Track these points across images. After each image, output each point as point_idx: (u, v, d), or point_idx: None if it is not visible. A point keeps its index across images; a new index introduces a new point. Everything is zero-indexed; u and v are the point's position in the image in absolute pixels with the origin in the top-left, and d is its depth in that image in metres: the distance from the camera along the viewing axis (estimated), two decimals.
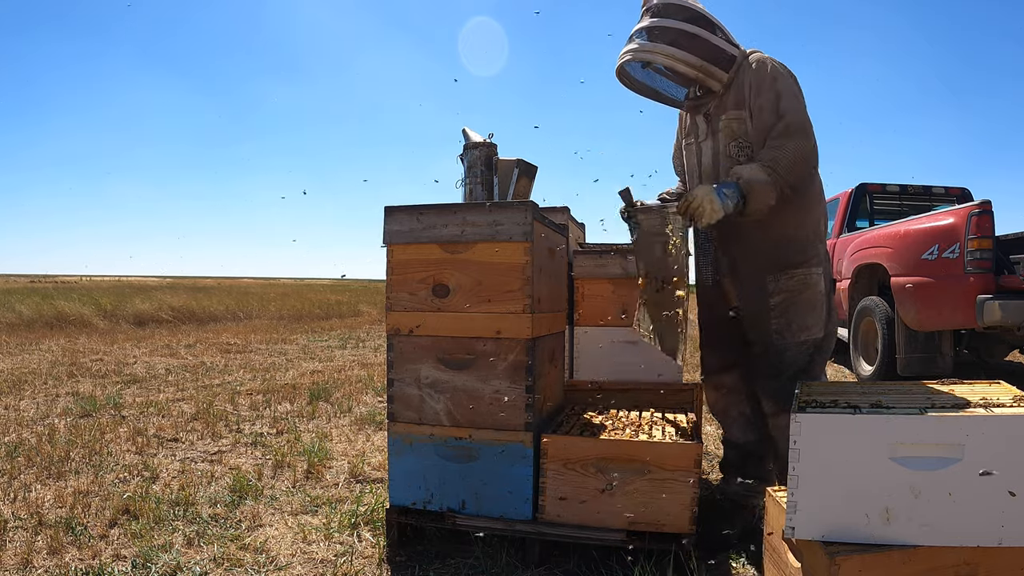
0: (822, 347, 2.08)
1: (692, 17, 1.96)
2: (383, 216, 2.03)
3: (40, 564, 1.94)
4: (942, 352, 4.46)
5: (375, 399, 4.59)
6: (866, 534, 1.30)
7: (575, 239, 3.00)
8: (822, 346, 2.07)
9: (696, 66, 1.95)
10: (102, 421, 3.76)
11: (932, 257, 4.26)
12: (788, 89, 1.95)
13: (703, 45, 1.95)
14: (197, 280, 41.04)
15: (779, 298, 2.02)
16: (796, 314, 2.02)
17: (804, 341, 2.03)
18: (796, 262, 2.01)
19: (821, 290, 2.03)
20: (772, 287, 2.02)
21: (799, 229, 2.02)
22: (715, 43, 1.96)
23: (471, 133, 2.32)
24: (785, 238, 2.01)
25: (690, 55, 1.94)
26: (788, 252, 2.02)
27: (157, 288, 20.58)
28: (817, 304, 2.03)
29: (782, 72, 1.97)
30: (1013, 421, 1.26)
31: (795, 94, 1.95)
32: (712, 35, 1.97)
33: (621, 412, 2.36)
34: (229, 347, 7.92)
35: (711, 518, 2.08)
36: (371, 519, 2.24)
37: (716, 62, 1.96)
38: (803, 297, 2.02)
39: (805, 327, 2.02)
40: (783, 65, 2.00)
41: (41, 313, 10.64)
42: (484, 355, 1.93)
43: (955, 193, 6.12)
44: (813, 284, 2.02)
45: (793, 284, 2.01)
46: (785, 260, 2.02)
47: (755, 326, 2.09)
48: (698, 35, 1.94)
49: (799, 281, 2.01)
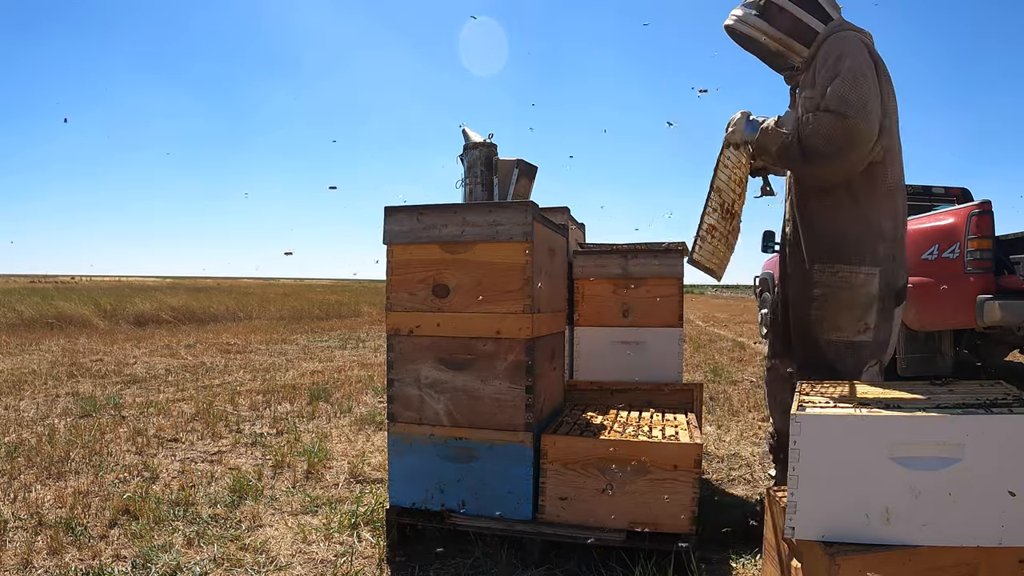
0: (859, 352, 1.96)
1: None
2: (383, 216, 2.03)
3: (40, 564, 1.94)
4: (942, 352, 4.45)
5: (375, 399, 4.59)
6: (866, 534, 1.30)
7: (575, 239, 3.00)
8: (859, 351, 1.96)
9: (777, 39, 1.99)
10: (102, 421, 3.76)
11: (932, 257, 4.26)
12: (848, 71, 1.85)
13: (789, 19, 1.97)
14: (197, 280, 41.03)
15: (819, 291, 1.98)
16: (830, 311, 1.97)
17: (834, 340, 1.97)
18: (844, 258, 1.95)
19: (868, 292, 1.94)
20: (816, 278, 1.99)
21: (853, 224, 1.95)
22: (801, 17, 1.97)
23: (471, 133, 2.32)
24: (838, 231, 1.96)
25: (773, 28, 1.98)
26: (838, 246, 1.96)
27: (157, 288, 20.58)
28: (857, 306, 1.94)
29: (852, 51, 1.88)
30: (1013, 421, 1.25)
31: (855, 78, 1.84)
32: (800, 8, 1.97)
33: (621, 412, 2.35)
34: (229, 347, 7.92)
35: (711, 518, 2.08)
36: (371, 519, 2.24)
37: (799, 37, 1.98)
38: (842, 295, 1.95)
39: (836, 327, 1.96)
40: (863, 45, 1.91)
41: (41, 313, 10.65)
42: (484, 355, 1.93)
43: (955, 193, 6.11)
44: (858, 285, 1.93)
45: (835, 280, 1.96)
46: (834, 254, 1.97)
47: (797, 313, 2.09)
48: (785, 8, 1.97)
49: (841, 279, 1.95)
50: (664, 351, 2.69)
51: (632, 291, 2.72)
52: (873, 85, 1.84)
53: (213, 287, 23.35)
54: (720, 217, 2.20)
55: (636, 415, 2.31)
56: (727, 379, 5.46)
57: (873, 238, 1.94)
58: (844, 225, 1.95)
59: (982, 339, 4.67)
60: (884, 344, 1.98)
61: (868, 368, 1.96)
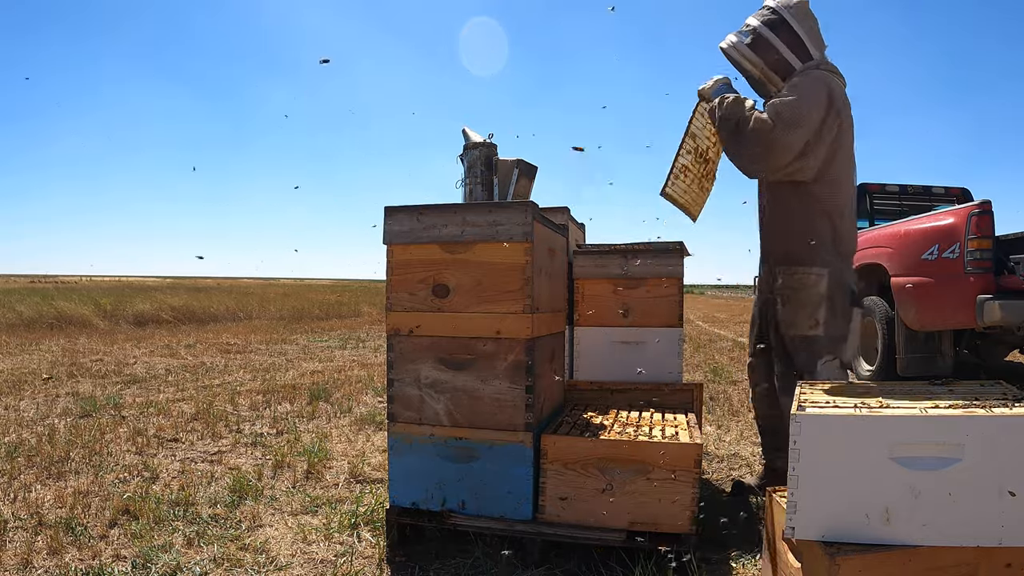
0: (812, 346, 2.18)
1: (776, 23, 2.20)
2: (383, 216, 2.03)
3: (40, 564, 1.94)
4: (942, 352, 4.45)
5: (375, 399, 4.59)
6: (866, 534, 1.30)
7: (575, 239, 3.00)
8: (812, 345, 2.18)
9: (760, 68, 2.24)
10: (102, 421, 3.76)
11: (932, 257, 4.26)
12: (795, 94, 2.09)
13: (774, 53, 2.21)
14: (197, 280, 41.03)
15: (781, 291, 2.23)
16: (789, 309, 2.22)
17: (792, 335, 2.22)
18: (800, 260, 2.19)
19: (819, 291, 2.17)
20: (779, 280, 2.24)
21: (804, 234, 2.18)
22: (784, 53, 2.21)
23: (471, 133, 2.32)
24: (793, 235, 2.21)
25: (758, 59, 2.23)
26: (795, 249, 2.20)
27: (157, 288, 20.58)
28: (810, 304, 2.18)
29: (808, 84, 2.12)
30: (1013, 421, 1.25)
31: (797, 101, 2.08)
32: (784, 46, 2.20)
33: (621, 412, 2.35)
34: (229, 347, 7.92)
35: (711, 518, 2.08)
36: (371, 519, 2.24)
37: (779, 70, 2.23)
38: (798, 295, 2.19)
39: (793, 323, 2.21)
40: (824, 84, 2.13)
41: (41, 313, 10.65)
42: (484, 355, 1.93)
43: (955, 193, 6.11)
44: (809, 285, 2.18)
45: (792, 281, 2.21)
46: (791, 256, 2.21)
47: (766, 310, 2.35)
48: (772, 43, 2.20)
49: (797, 280, 2.19)
50: (664, 351, 2.69)
51: (632, 291, 2.72)
52: (810, 113, 2.08)
53: (213, 287, 23.35)
54: (694, 160, 2.41)
55: (636, 415, 2.31)
56: (727, 379, 5.46)
57: (827, 242, 2.18)
58: (797, 235, 2.20)
59: (982, 339, 4.67)
60: (838, 339, 2.19)
61: (825, 362, 2.17)
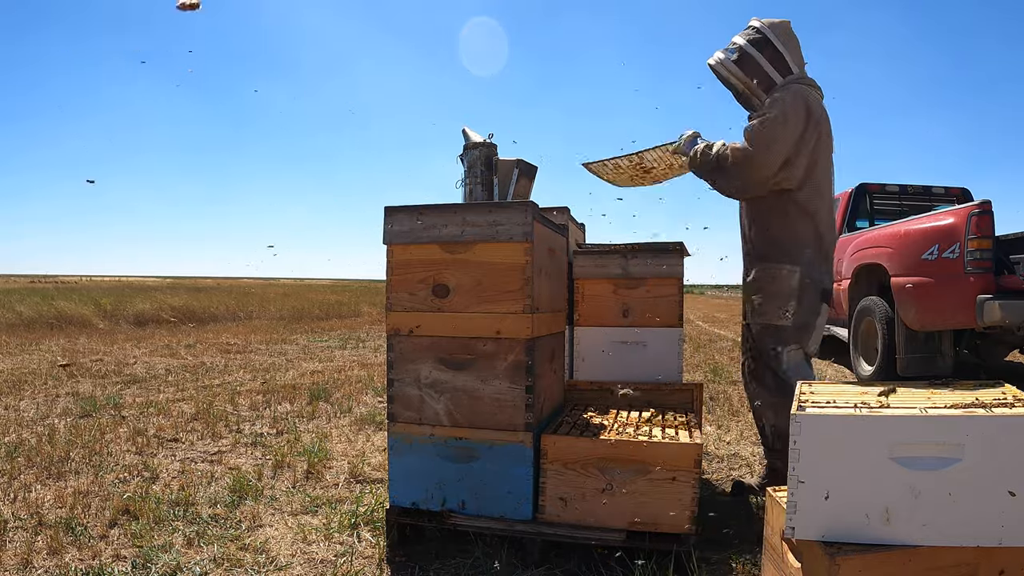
0: (779, 335, 2.34)
1: (760, 42, 2.32)
2: (383, 216, 2.03)
3: (40, 564, 1.93)
4: (942, 352, 4.45)
5: (375, 399, 4.59)
6: (866, 534, 1.30)
7: (575, 239, 3.00)
8: (779, 334, 2.34)
9: (745, 83, 2.36)
10: (102, 421, 3.76)
11: (932, 257, 4.26)
12: (771, 113, 2.23)
13: (758, 69, 2.33)
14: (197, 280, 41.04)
15: (755, 285, 2.40)
16: (760, 301, 2.38)
17: (761, 324, 2.39)
18: (773, 258, 2.35)
19: (790, 285, 2.32)
20: (754, 276, 2.40)
21: (780, 235, 2.34)
22: (767, 69, 2.33)
23: (471, 133, 2.32)
24: (769, 237, 2.37)
25: (743, 74, 2.35)
26: (769, 249, 2.37)
27: (157, 288, 20.59)
28: (779, 295, 2.33)
29: (786, 100, 2.23)
30: (1013, 421, 1.25)
31: (773, 121, 2.21)
32: (767, 62, 2.32)
33: (621, 412, 2.35)
34: (229, 347, 7.92)
35: (711, 518, 2.09)
36: (371, 519, 2.24)
37: (762, 84, 2.35)
38: (770, 287, 2.35)
39: (763, 312, 2.37)
40: (801, 98, 2.24)
41: (41, 313, 10.65)
42: (484, 355, 1.93)
43: (955, 193, 6.11)
44: (781, 278, 2.33)
45: (765, 275, 2.37)
46: (765, 255, 2.38)
47: (744, 303, 2.53)
48: (756, 60, 2.32)
49: (770, 274, 2.35)
50: (664, 351, 2.69)
51: (632, 291, 2.72)
52: (787, 130, 2.21)
53: (213, 287, 23.35)
54: (632, 165, 2.63)
55: (636, 415, 2.31)
56: (727, 379, 5.46)
57: (801, 244, 2.32)
58: (775, 233, 2.35)
59: (982, 339, 4.67)
60: (804, 330, 2.33)
61: (789, 351, 2.33)
